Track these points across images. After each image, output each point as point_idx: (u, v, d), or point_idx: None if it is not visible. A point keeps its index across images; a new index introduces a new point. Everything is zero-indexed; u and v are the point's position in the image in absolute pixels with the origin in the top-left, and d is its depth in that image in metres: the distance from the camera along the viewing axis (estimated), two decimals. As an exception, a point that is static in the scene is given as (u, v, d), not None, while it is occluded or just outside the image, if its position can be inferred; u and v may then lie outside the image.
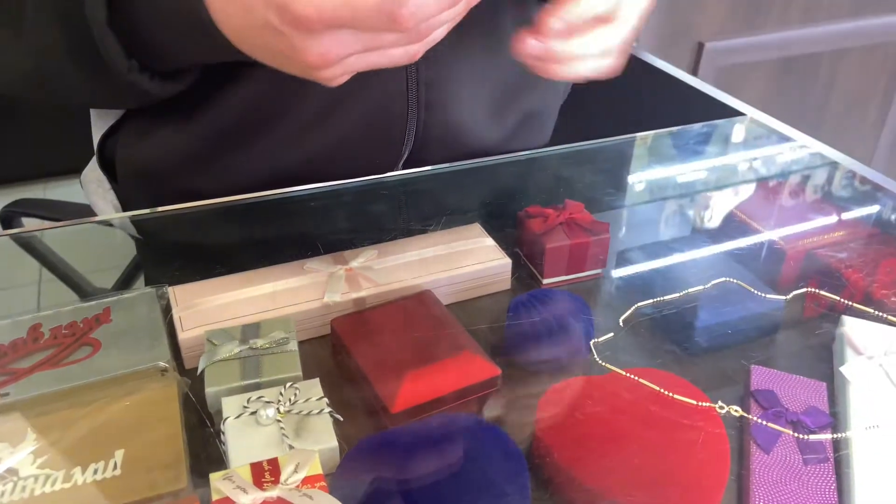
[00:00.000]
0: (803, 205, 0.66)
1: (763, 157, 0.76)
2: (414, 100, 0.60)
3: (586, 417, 0.41)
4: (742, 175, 0.74)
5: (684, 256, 0.60)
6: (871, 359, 0.47)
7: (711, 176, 0.74)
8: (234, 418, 0.41)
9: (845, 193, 0.68)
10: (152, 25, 0.47)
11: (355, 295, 0.52)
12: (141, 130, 0.60)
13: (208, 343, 0.46)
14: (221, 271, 0.54)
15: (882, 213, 0.66)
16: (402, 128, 0.61)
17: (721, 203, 0.68)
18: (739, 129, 0.79)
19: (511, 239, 0.60)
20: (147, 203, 0.62)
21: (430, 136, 0.63)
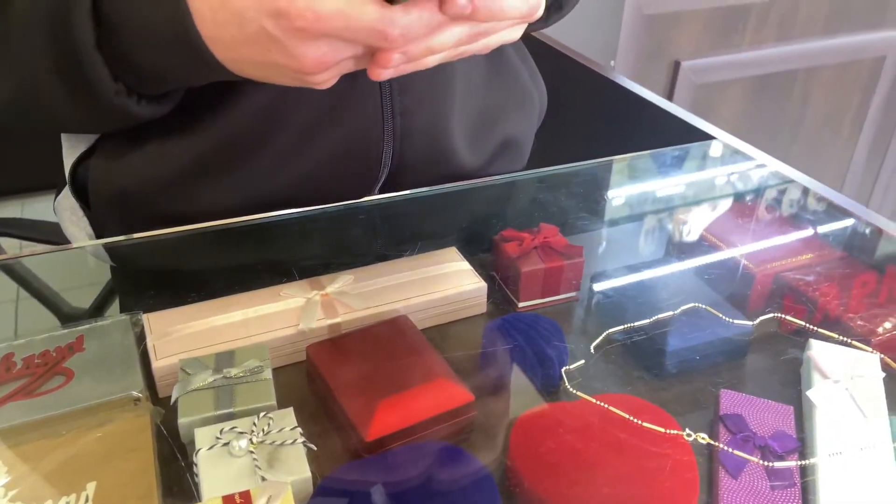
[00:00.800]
0: (772, 228, 0.67)
1: (733, 181, 0.77)
2: (390, 129, 0.61)
3: (557, 445, 0.42)
4: (713, 198, 0.75)
5: (656, 280, 0.61)
6: (838, 383, 0.48)
7: (683, 200, 0.75)
8: (206, 449, 0.41)
9: (813, 217, 0.70)
10: (140, 46, 0.47)
11: (331, 321, 0.53)
12: (115, 154, 0.60)
13: (182, 372, 0.46)
14: (196, 298, 0.54)
15: (848, 237, 0.68)
16: (378, 156, 0.62)
17: (692, 227, 0.69)
18: (711, 152, 0.80)
19: (487, 263, 0.61)
20: (120, 229, 0.62)
21: (406, 164, 0.63)
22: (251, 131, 0.58)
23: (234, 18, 0.41)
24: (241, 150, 0.59)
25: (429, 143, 0.64)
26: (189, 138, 0.58)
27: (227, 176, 0.60)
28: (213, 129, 0.58)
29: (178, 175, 0.59)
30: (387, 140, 0.61)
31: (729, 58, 1.66)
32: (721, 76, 1.68)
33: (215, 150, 0.58)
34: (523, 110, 0.72)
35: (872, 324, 0.54)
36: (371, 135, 0.60)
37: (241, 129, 0.58)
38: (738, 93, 1.73)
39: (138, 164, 0.59)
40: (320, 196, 0.63)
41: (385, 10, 0.37)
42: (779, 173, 0.75)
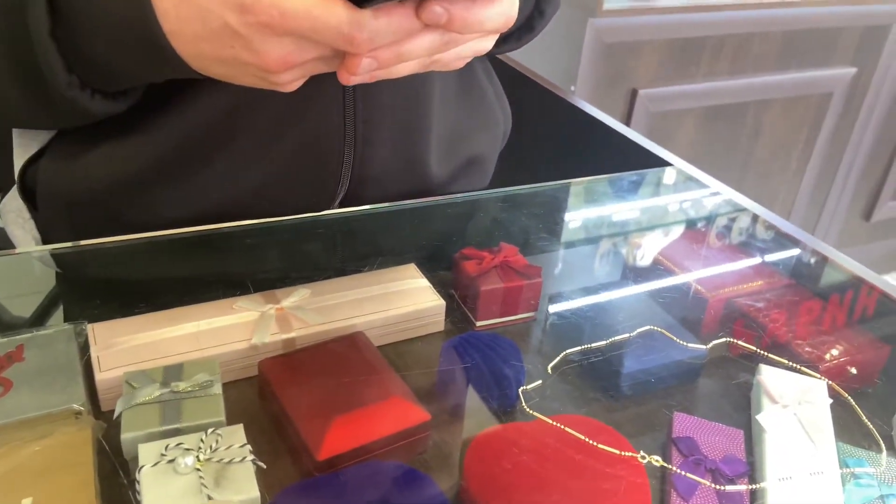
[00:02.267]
0: (725, 254, 0.69)
1: (688, 207, 0.79)
2: (351, 136, 0.60)
3: (512, 466, 0.42)
4: (668, 223, 0.76)
5: (612, 302, 0.61)
6: (786, 407, 0.49)
7: (639, 224, 0.77)
8: (150, 466, 0.39)
9: (764, 245, 0.72)
10: (97, 38, 0.46)
11: (285, 336, 0.52)
12: (66, 156, 0.58)
13: (126, 385, 0.45)
14: (145, 309, 0.52)
15: (797, 264, 0.70)
16: (338, 163, 0.61)
17: (648, 251, 0.70)
18: (667, 178, 0.82)
19: (446, 280, 0.60)
20: (69, 234, 0.60)
21: (367, 175, 0.63)
22: (208, 135, 0.57)
23: (197, 13, 0.40)
24: (198, 155, 0.58)
25: (393, 155, 0.63)
26: (144, 141, 0.57)
27: (182, 182, 0.59)
28: (170, 131, 0.56)
29: (131, 180, 0.58)
30: (347, 149, 0.61)
31: (684, 88, 1.71)
32: (676, 105, 1.73)
33: (171, 154, 0.57)
34: (489, 130, 0.73)
35: (820, 350, 0.55)
36: (331, 142, 0.60)
37: (197, 133, 0.57)
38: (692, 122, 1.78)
39: (89, 167, 0.57)
40: (279, 206, 0.62)
41: (354, 13, 0.36)
42: (732, 201, 0.77)
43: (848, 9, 1.78)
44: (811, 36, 1.79)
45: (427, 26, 0.38)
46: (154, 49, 0.43)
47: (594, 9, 1.47)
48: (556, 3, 0.66)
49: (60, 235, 0.61)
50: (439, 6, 0.36)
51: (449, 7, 0.36)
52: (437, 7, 0.36)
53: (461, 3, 0.37)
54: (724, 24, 1.66)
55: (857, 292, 0.64)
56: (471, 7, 0.37)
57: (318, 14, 0.36)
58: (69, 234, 0.60)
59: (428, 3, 0.36)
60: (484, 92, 0.72)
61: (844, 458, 0.47)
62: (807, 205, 2.13)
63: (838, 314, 0.62)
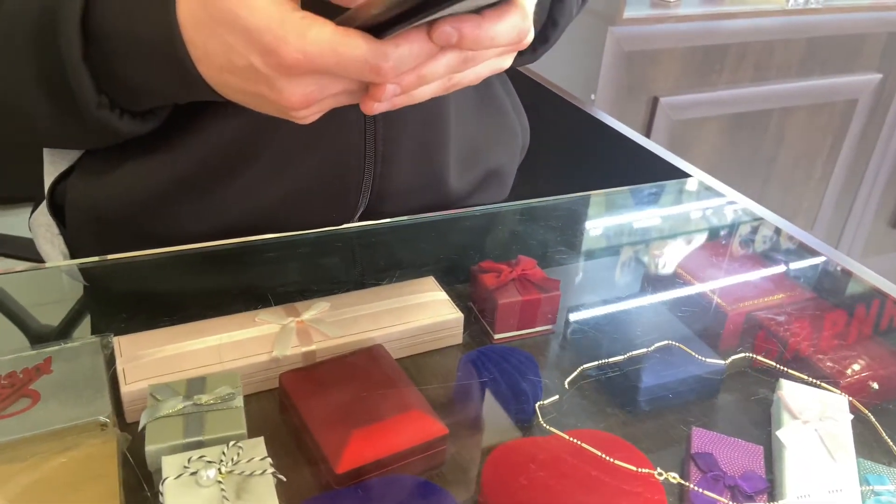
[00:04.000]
0: (745, 267, 0.68)
1: (708, 219, 0.79)
2: (371, 153, 0.61)
3: (529, 481, 0.42)
4: (688, 236, 0.76)
5: (630, 315, 0.61)
6: (807, 424, 0.49)
7: (658, 236, 0.76)
8: (173, 478, 0.40)
9: (785, 257, 0.71)
10: (128, 59, 0.47)
11: (305, 349, 0.52)
12: (94, 174, 0.59)
13: (151, 398, 0.46)
14: (169, 322, 0.53)
15: (817, 276, 0.69)
16: (358, 181, 0.62)
17: (667, 263, 0.70)
18: (687, 190, 0.82)
19: (464, 293, 0.61)
20: (96, 249, 0.62)
21: (386, 191, 0.64)
22: (230, 153, 0.58)
23: (223, 49, 0.41)
24: (220, 172, 0.59)
25: (412, 171, 0.64)
26: (169, 159, 0.58)
27: (205, 198, 0.60)
28: (193, 150, 0.57)
29: (156, 196, 0.59)
30: (367, 167, 0.61)
31: (706, 95, 1.70)
32: (698, 113, 1.72)
33: (194, 172, 0.58)
34: (507, 143, 0.73)
35: (841, 365, 0.55)
36: (351, 160, 0.61)
37: (220, 151, 0.58)
38: (714, 130, 1.76)
39: (116, 184, 0.59)
40: (300, 221, 0.63)
41: (376, 45, 0.37)
42: (750, 211, 0.77)
43: (873, 15, 1.76)
44: (835, 42, 1.77)
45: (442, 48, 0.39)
46: (182, 73, 0.44)
47: (614, 17, 1.47)
48: (570, 13, 0.66)
49: (88, 250, 0.62)
50: (449, 26, 0.37)
51: (458, 26, 0.37)
52: (447, 27, 0.37)
53: (470, 21, 0.37)
54: (746, 32, 1.65)
55: (880, 306, 0.64)
56: (480, 24, 0.38)
57: (342, 51, 0.37)
58: (96, 248, 0.62)
59: (438, 24, 0.37)
60: (502, 105, 0.72)
61: (865, 474, 0.46)
62: (832, 213, 2.10)
63: (860, 328, 0.61)
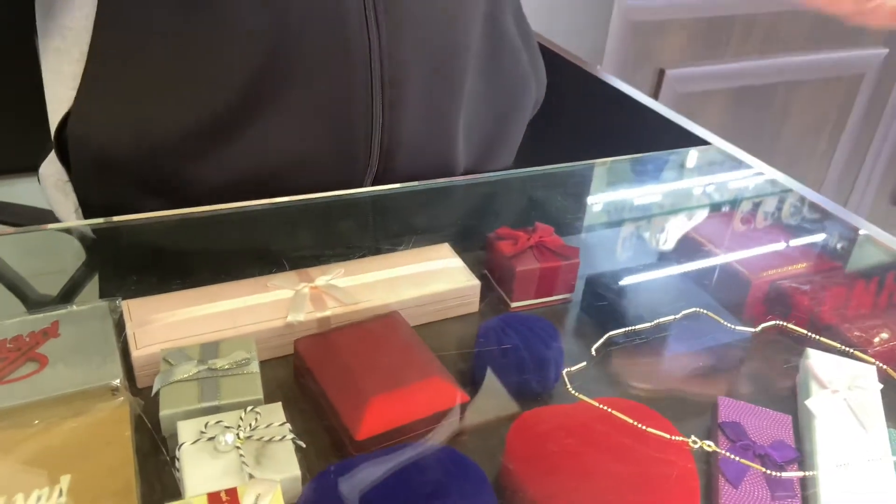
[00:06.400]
0: (770, 235, 0.67)
1: (730, 187, 0.77)
2: (378, 98, 0.59)
3: (557, 449, 0.41)
4: (710, 203, 0.74)
5: (651, 284, 0.60)
6: (836, 393, 0.48)
7: (680, 203, 0.75)
8: (190, 444, 0.39)
9: (811, 226, 0.70)
10: None
11: (320, 314, 0.51)
12: (97, 111, 0.57)
13: (164, 362, 0.44)
14: (180, 286, 0.52)
15: (842, 245, 0.68)
16: (368, 128, 0.60)
17: (686, 231, 0.68)
18: (706, 157, 0.80)
19: (480, 260, 0.59)
20: (102, 198, 0.59)
21: (396, 140, 0.62)
22: (240, 100, 0.56)
23: None
24: (230, 121, 0.57)
25: (421, 116, 0.62)
26: (175, 104, 0.56)
27: (215, 149, 0.58)
28: (201, 96, 0.55)
29: (163, 143, 0.57)
30: (376, 110, 0.60)
31: (712, 68, 1.67)
32: (704, 86, 1.69)
33: (202, 120, 0.56)
34: (520, 97, 0.71)
35: (869, 334, 0.53)
36: (359, 105, 0.59)
37: (228, 98, 0.56)
38: (719, 103, 1.74)
39: (121, 126, 0.56)
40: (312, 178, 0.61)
41: None
42: (776, 181, 0.75)
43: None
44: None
45: None
46: None
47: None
48: None
49: (95, 200, 0.60)
50: None
51: None
52: None
53: None
54: (754, 3, 1.62)
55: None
56: None
57: None
58: (103, 198, 0.59)
59: None
60: (516, 55, 0.70)
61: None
62: (835, 188, 2.09)
63: (887, 296, 0.60)
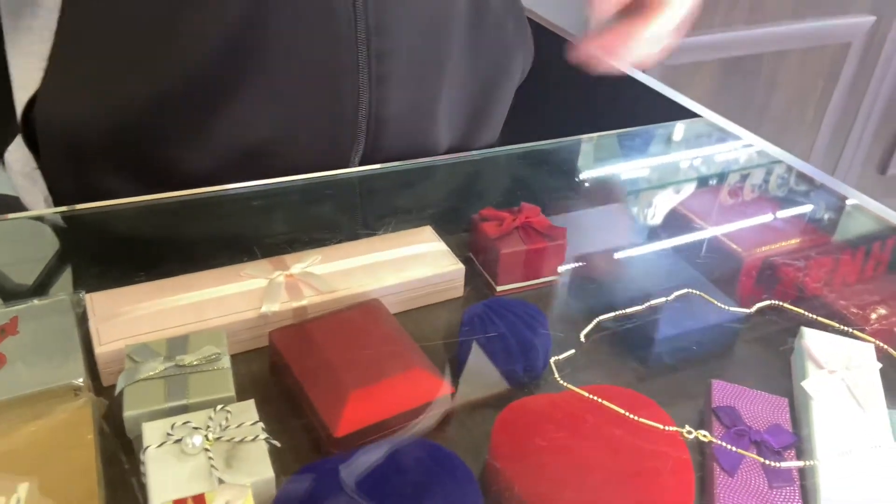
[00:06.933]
0: (762, 209, 0.65)
1: (720, 160, 0.75)
2: (365, 72, 0.56)
3: (544, 441, 0.39)
4: (702, 180, 0.72)
5: (641, 264, 0.58)
6: (833, 373, 0.46)
7: (669, 178, 0.73)
8: (155, 447, 0.37)
9: (803, 199, 0.68)
10: None
11: (296, 304, 0.48)
12: (64, 89, 0.53)
13: (128, 360, 0.42)
14: (146, 277, 0.49)
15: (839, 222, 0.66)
16: (355, 102, 0.57)
17: (676, 208, 0.66)
18: (695, 130, 0.78)
19: (463, 243, 0.57)
20: (72, 183, 0.56)
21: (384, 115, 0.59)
22: (216, 74, 0.53)
23: None
24: (207, 96, 0.54)
25: (409, 87, 0.60)
26: (145, 77, 0.52)
27: (192, 127, 0.55)
28: (172, 67, 0.52)
29: (134, 122, 0.54)
30: (363, 83, 0.57)
31: (699, 39, 1.65)
32: (692, 57, 1.67)
33: (176, 94, 0.53)
34: (506, 68, 0.68)
35: (866, 311, 0.52)
36: (346, 79, 0.56)
37: (203, 70, 0.53)
38: (706, 75, 1.72)
39: (89, 104, 0.53)
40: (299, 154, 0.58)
41: None
42: (767, 153, 0.73)
43: (869, -47, 1.71)
44: (830, -18, 1.71)
45: None
46: None
47: (607, -45, 1.41)
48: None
49: (66, 187, 0.57)
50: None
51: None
52: None
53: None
54: (741, -29, 1.59)
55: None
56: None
57: None
58: (74, 185, 0.57)
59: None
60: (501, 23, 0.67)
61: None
62: (822, 158, 2.08)
63: (882, 270, 0.58)
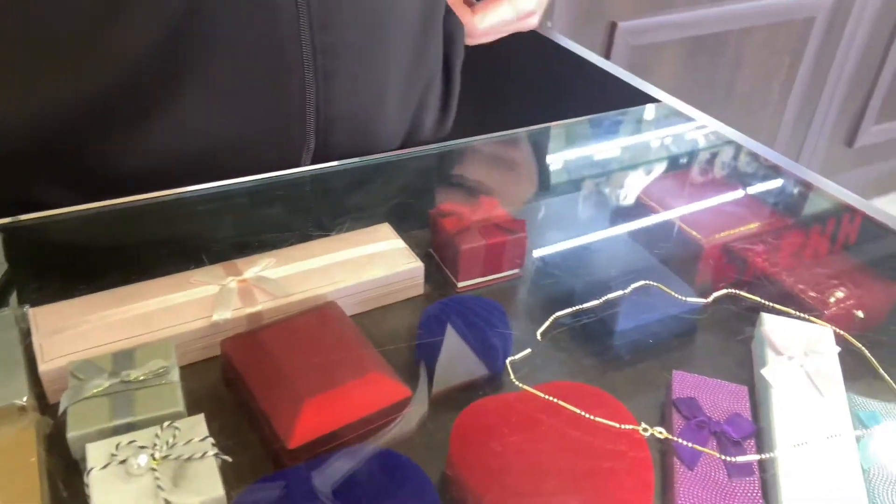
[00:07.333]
0: (721, 195, 0.65)
1: (680, 146, 0.74)
2: (311, 66, 0.55)
3: (501, 445, 0.38)
4: (660, 166, 0.72)
5: (602, 254, 0.57)
6: (792, 359, 0.46)
7: (629, 168, 0.72)
8: (99, 468, 0.35)
9: (762, 183, 0.67)
10: None
11: (249, 310, 0.47)
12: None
13: (72, 377, 0.40)
14: (92, 288, 0.47)
15: (795, 202, 0.66)
16: (301, 101, 0.56)
17: (638, 196, 0.66)
18: (656, 116, 0.77)
19: (423, 240, 0.56)
20: (7, 194, 0.54)
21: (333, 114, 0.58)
22: (150, 74, 0.51)
23: None
24: (142, 98, 0.52)
25: (357, 81, 0.58)
26: (73, 77, 0.50)
27: (129, 132, 0.53)
28: (102, 65, 0.50)
29: (67, 125, 0.51)
30: (308, 79, 0.56)
31: (664, 18, 1.64)
32: (656, 38, 1.66)
33: (108, 95, 0.51)
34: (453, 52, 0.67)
35: (824, 294, 0.52)
36: (292, 77, 0.55)
37: (136, 70, 0.50)
38: (672, 55, 1.72)
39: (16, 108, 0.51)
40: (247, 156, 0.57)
41: None
42: (722, 135, 0.72)
43: (831, -73, 1.71)
44: (793, -43, 1.72)
45: None
46: None
47: (568, -64, 1.39)
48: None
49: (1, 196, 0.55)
50: None
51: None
52: None
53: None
54: (704, -52, 1.58)
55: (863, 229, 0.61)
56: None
57: None
58: (8, 194, 0.54)
59: None
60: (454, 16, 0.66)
61: (856, 409, 0.44)
62: (790, 134, 2.09)
63: (842, 254, 0.58)
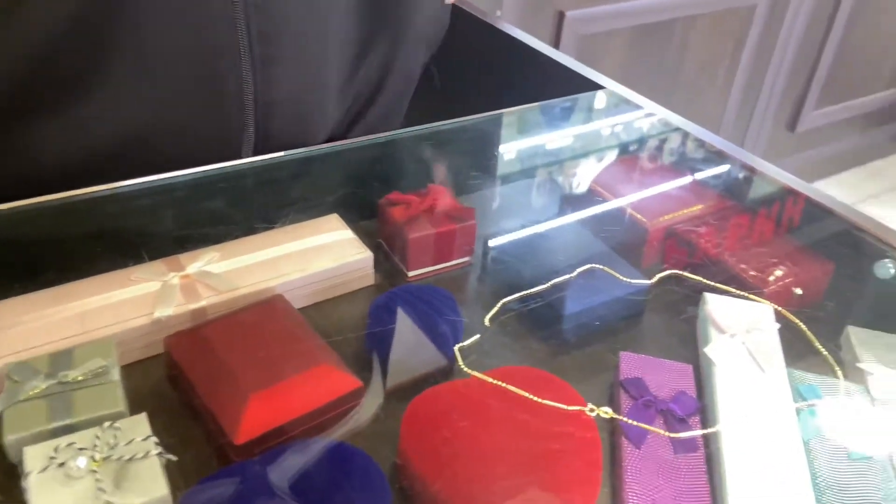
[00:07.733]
0: (665, 179, 0.66)
1: (624, 132, 0.75)
2: (248, 54, 0.54)
3: (450, 433, 0.38)
4: (606, 152, 0.73)
5: (551, 240, 0.58)
6: (734, 337, 0.47)
7: (575, 153, 0.73)
8: (37, 472, 0.34)
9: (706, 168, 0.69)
10: None
11: (193, 306, 0.46)
12: None
13: (8, 380, 0.39)
14: (26, 288, 0.46)
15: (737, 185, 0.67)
16: (239, 86, 0.55)
17: (585, 181, 0.66)
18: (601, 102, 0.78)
19: (373, 230, 0.56)
20: None
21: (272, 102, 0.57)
22: (73, 54, 0.49)
23: None
24: (67, 81, 0.50)
25: (298, 71, 0.57)
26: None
27: (56, 117, 0.51)
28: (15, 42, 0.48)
29: None
30: (245, 66, 0.54)
31: (611, 7, 1.66)
32: (605, 26, 1.68)
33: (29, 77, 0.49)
34: (404, 35, 0.66)
35: (765, 273, 0.53)
36: (228, 62, 0.54)
37: (56, 49, 0.49)
38: (620, 43, 1.74)
39: None
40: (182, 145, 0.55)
41: None
42: (667, 121, 0.74)
43: (770, -84, 1.75)
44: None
45: None
46: None
47: (514, -75, 1.40)
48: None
49: None
50: None
51: None
52: None
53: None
54: (648, -63, 1.60)
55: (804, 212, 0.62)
56: None
57: None
58: None
59: None
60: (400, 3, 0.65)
61: (796, 384, 0.45)
62: (734, 119, 2.14)
63: (781, 234, 0.60)
